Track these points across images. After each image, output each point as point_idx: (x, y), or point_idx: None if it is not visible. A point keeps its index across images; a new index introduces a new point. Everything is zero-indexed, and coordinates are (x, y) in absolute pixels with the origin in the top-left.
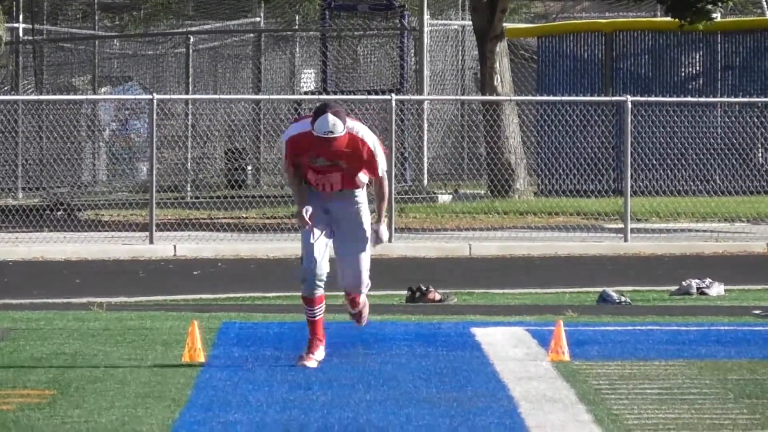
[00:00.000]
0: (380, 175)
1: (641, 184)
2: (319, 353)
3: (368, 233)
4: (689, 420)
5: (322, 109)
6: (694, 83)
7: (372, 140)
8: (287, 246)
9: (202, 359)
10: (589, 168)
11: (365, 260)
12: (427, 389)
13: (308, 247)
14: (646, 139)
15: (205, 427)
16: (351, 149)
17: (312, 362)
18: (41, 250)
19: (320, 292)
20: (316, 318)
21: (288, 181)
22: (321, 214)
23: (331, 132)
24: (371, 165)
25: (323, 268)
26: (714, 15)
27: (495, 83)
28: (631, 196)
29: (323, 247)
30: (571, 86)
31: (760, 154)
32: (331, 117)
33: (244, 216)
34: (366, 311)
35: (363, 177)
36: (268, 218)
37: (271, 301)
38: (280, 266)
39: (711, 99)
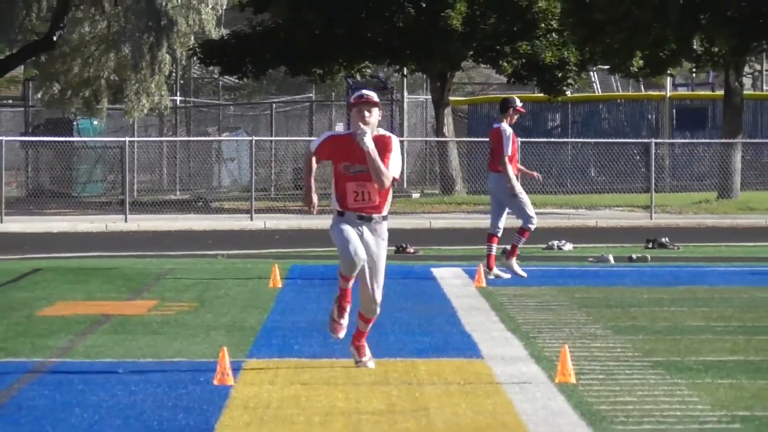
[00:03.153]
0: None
1: (529, 186)
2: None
3: (385, 242)
4: (552, 320)
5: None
6: (555, 131)
7: (395, 142)
8: (329, 222)
9: (279, 285)
10: None
11: (383, 272)
12: (406, 303)
13: (343, 241)
14: (529, 161)
15: (281, 323)
16: (380, 149)
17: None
18: (189, 225)
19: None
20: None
21: (306, 164)
22: (357, 232)
23: (367, 94)
24: (385, 157)
25: (361, 253)
26: (567, 92)
27: (444, 131)
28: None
29: (357, 239)
30: (486, 133)
31: (592, 171)
32: (366, 90)
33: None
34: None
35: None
36: (318, 207)
37: (319, 253)
38: (324, 234)
39: (565, 140)
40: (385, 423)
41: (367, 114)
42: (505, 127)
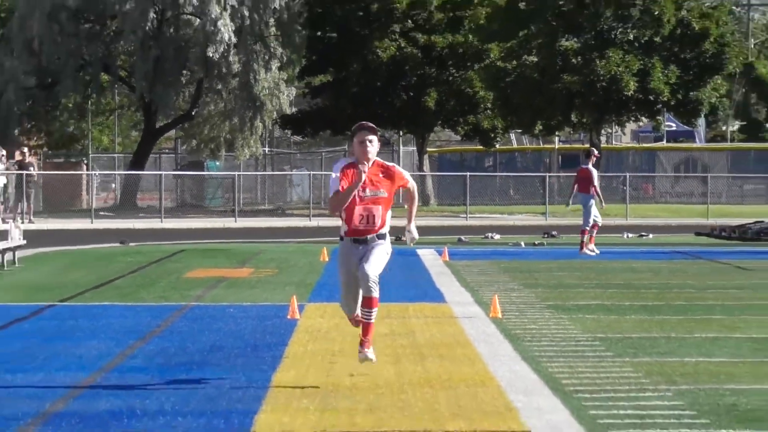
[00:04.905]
0: (410, 185)
1: (473, 201)
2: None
3: (387, 248)
4: (488, 280)
5: None
6: (489, 168)
7: (398, 167)
8: None
9: (327, 260)
10: (455, 196)
11: (379, 258)
12: (398, 272)
13: (343, 292)
14: (476, 188)
15: (328, 282)
16: (386, 176)
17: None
18: (272, 224)
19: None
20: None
21: (336, 198)
22: (353, 262)
23: (367, 123)
24: (403, 180)
25: (355, 306)
26: (496, 146)
27: (424, 168)
28: (469, 204)
29: (355, 292)
30: (451, 170)
31: (511, 192)
32: (366, 122)
33: None
34: (371, 336)
35: (389, 215)
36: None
37: None
38: None
39: (495, 174)
40: (388, 340)
41: (368, 144)
42: (592, 168)
